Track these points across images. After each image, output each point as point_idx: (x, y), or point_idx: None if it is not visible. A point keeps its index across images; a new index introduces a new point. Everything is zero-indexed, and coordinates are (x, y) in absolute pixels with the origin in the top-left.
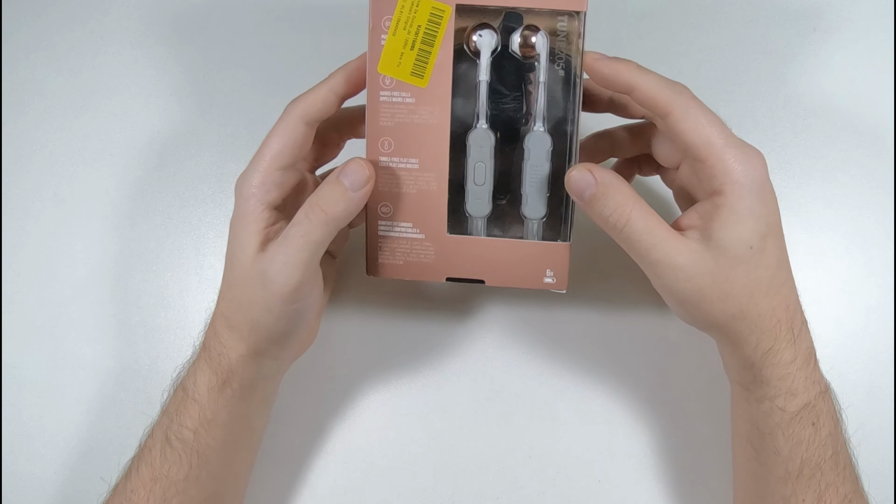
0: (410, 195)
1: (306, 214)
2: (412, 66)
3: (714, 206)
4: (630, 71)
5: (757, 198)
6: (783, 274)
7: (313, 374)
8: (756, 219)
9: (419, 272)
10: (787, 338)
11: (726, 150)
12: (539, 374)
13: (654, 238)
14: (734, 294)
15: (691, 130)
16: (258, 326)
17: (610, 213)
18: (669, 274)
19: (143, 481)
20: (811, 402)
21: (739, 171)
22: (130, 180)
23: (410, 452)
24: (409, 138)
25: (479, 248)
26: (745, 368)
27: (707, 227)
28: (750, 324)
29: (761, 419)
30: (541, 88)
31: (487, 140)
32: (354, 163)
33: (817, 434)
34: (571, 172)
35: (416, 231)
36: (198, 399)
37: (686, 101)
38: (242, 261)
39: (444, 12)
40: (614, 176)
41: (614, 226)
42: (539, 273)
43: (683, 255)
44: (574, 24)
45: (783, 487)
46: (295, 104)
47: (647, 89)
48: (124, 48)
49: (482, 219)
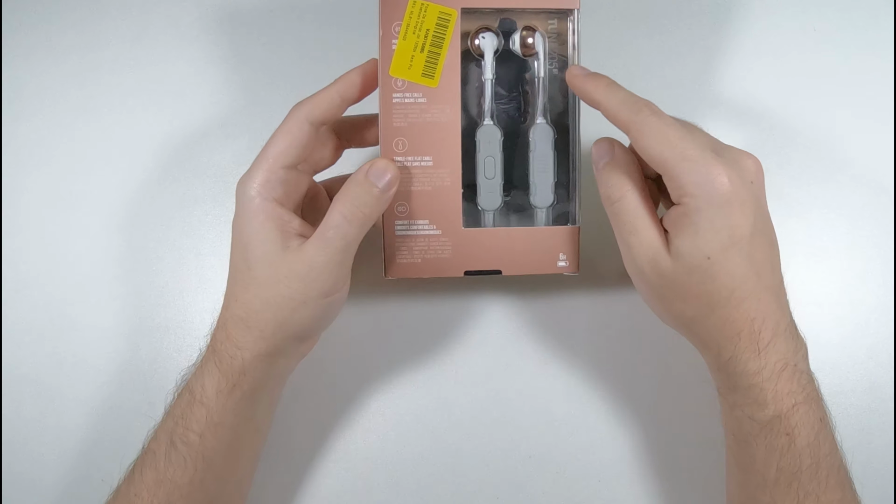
0: (426, 192)
1: (343, 215)
2: (423, 68)
3: (677, 214)
4: (598, 89)
5: (717, 210)
6: (750, 286)
7: (314, 375)
8: (714, 231)
9: (437, 269)
10: (750, 349)
11: (683, 163)
12: (539, 374)
13: (639, 223)
14: (690, 300)
15: (650, 146)
16: (287, 324)
17: (611, 185)
18: (639, 263)
19: (146, 485)
20: (783, 414)
21: (696, 183)
22: (130, 181)
23: (411, 452)
24: (422, 137)
25: (494, 239)
26: (714, 372)
27: (672, 233)
28: (708, 330)
29: (736, 426)
30: (540, 84)
31: (495, 135)
32: (381, 162)
33: (792, 444)
34: (598, 141)
35: (433, 227)
36: (205, 402)
37: (645, 119)
38: (268, 260)
39: (450, 16)
40: (630, 157)
41: (609, 197)
42: (552, 258)
43: (654, 250)
44: (564, 23)
45: (762, 494)
46: (300, 105)
47: (610, 107)
48: (125, 48)
49: (494, 212)
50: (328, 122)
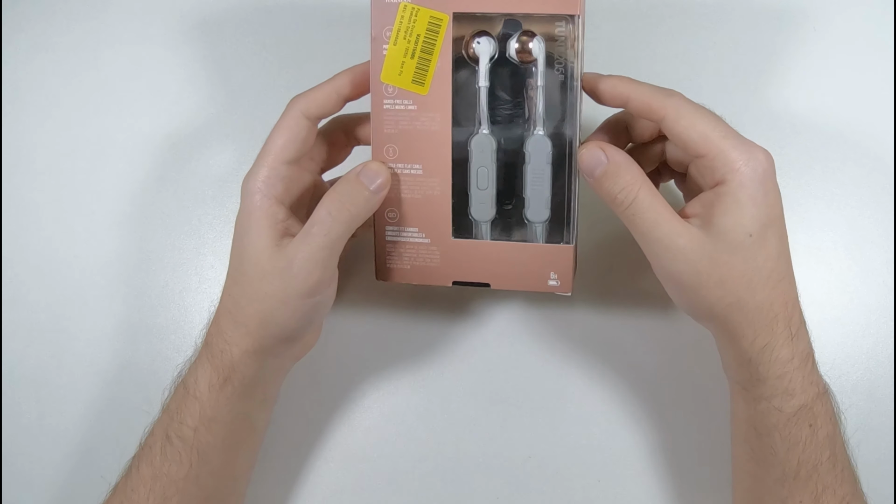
0: (416, 200)
1: (328, 212)
2: (413, 75)
3: (716, 194)
4: (623, 83)
5: (759, 187)
6: (783, 268)
7: (314, 375)
8: (757, 207)
9: (426, 276)
10: (785, 335)
11: (724, 141)
12: (539, 374)
13: (659, 216)
14: (732, 281)
15: (687, 128)
16: (270, 321)
17: (619, 190)
18: (669, 255)
19: (143, 480)
20: (808, 404)
21: (740, 160)
22: (131, 181)
23: (411, 453)
24: (412, 145)
25: (484, 252)
26: (742, 365)
27: (708, 214)
28: (747, 315)
29: (758, 419)
30: (539, 93)
31: (489, 145)
32: (374, 164)
33: (814, 436)
34: (582, 151)
35: (422, 236)
36: (198, 396)
37: (678, 103)
38: (255, 256)
39: (441, 21)
40: (625, 156)
41: (622, 202)
42: (543, 276)
43: (683, 237)
44: (571, 28)
45: (780, 489)
46: (296, 100)
47: (639, 97)
48: (124, 48)
49: (487, 223)
50: (324, 117)
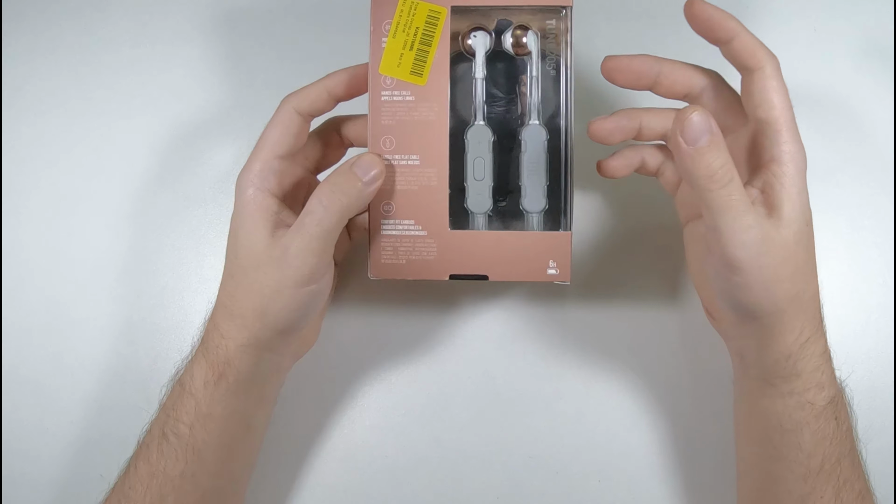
0: (412, 192)
1: (320, 202)
2: (411, 66)
3: (775, 176)
4: (732, 21)
5: (804, 177)
6: (814, 259)
7: (313, 374)
8: (806, 196)
9: (422, 271)
10: (821, 328)
11: (794, 123)
12: (539, 373)
13: (746, 204)
14: (799, 272)
15: (776, 89)
16: (266, 313)
17: (721, 164)
18: (754, 244)
19: (140, 477)
20: (835, 397)
21: (797, 147)
22: (130, 181)
23: (410, 452)
24: (409, 135)
25: (482, 243)
26: (780, 361)
27: (771, 200)
28: (802, 307)
29: (786, 415)
30: (534, 84)
31: (485, 135)
32: (368, 156)
33: (839, 429)
34: (692, 114)
35: (419, 228)
36: (194, 393)
37: (776, 67)
38: (250, 247)
39: (440, 14)
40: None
41: (720, 179)
42: (542, 265)
43: (765, 227)
44: (561, 22)
45: (802, 485)
46: (289, 97)
47: (747, 41)
48: (124, 48)
49: (483, 215)
50: (316, 114)
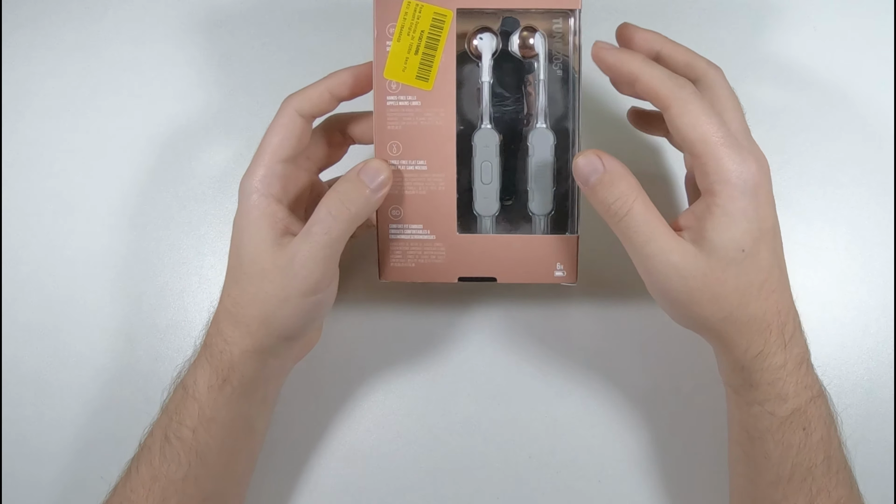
0: (420, 197)
1: (328, 211)
2: (417, 70)
3: (707, 206)
4: (634, 61)
5: (750, 200)
6: (776, 278)
7: (315, 374)
8: (748, 221)
9: (431, 274)
10: (778, 342)
11: (721, 148)
12: (539, 373)
13: (653, 231)
14: (724, 296)
15: (688, 126)
16: (271, 321)
17: (613, 200)
18: (662, 271)
19: (142, 480)
20: (801, 407)
21: (732, 171)
22: (130, 180)
23: (411, 452)
24: (416, 140)
25: (490, 246)
26: (736, 371)
27: (700, 228)
28: (740, 327)
29: (751, 423)
30: (541, 87)
31: (492, 139)
32: (375, 162)
33: (808, 439)
34: (578, 158)
35: (427, 232)
36: (197, 397)
37: (687, 97)
38: (255, 254)
39: (445, 17)
40: (622, 165)
41: (616, 213)
42: (549, 267)
43: (677, 254)
44: (568, 24)
45: (774, 491)
46: (290, 98)
47: (649, 81)
48: (124, 48)
49: (491, 217)
50: (318, 115)
